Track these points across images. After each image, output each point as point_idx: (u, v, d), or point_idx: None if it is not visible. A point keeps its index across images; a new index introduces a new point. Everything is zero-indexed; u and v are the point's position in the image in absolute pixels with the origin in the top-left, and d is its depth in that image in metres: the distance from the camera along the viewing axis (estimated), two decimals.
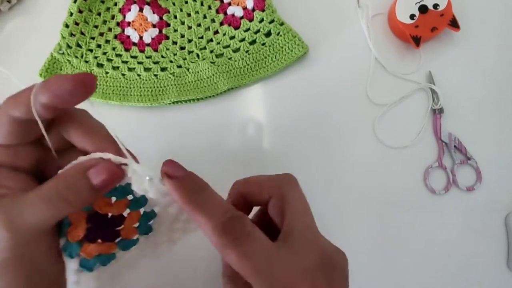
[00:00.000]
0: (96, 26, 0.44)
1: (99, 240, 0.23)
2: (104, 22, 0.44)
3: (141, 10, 0.43)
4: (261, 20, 0.42)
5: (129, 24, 0.44)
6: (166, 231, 0.26)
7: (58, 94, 0.20)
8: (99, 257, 0.23)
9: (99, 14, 0.44)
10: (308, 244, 0.23)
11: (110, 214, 0.23)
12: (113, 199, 0.23)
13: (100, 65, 0.43)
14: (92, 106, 0.23)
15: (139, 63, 0.43)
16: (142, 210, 0.24)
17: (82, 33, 0.43)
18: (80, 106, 0.22)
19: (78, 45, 0.43)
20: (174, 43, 0.44)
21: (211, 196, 0.22)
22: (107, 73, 0.43)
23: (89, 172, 0.20)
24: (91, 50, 0.43)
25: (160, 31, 0.44)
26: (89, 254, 0.23)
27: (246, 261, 0.21)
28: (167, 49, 0.43)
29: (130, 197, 0.23)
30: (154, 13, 0.44)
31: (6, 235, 0.19)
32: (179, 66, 0.43)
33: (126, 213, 0.24)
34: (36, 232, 0.20)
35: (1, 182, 0.21)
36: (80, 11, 0.43)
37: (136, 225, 0.25)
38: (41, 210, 0.20)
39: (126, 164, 0.21)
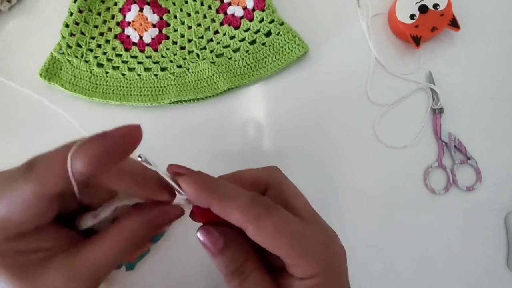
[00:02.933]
0: (96, 26, 0.44)
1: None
2: (104, 22, 0.44)
3: (141, 10, 0.43)
4: (261, 20, 0.42)
5: (129, 24, 0.44)
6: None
7: (100, 162, 0.17)
8: (140, 256, 0.28)
9: (99, 14, 0.44)
10: (317, 222, 0.24)
11: None
12: None
13: (100, 65, 0.43)
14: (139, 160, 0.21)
15: (139, 63, 0.43)
16: None
17: (82, 33, 0.43)
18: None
19: (78, 45, 0.43)
20: (174, 43, 0.44)
21: (227, 183, 0.22)
22: (107, 73, 0.43)
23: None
24: (91, 50, 0.43)
25: (160, 31, 0.44)
26: (134, 258, 0.25)
27: (283, 229, 0.21)
28: (167, 49, 0.43)
29: None
30: (154, 13, 0.44)
31: None
32: (179, 66, 0.43)
33: None
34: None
35: (38, 246, 0.19)
36: (80, 11, 0.43)
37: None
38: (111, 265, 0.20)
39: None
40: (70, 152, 0.17)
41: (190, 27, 0.44)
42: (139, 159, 0.20)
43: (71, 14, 0.43)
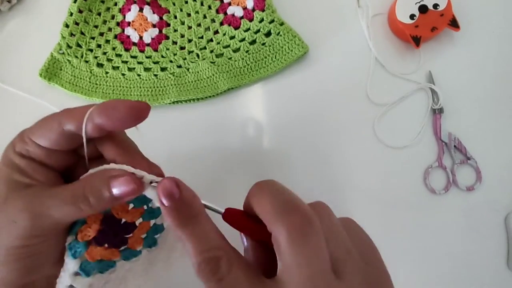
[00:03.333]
0: (96, 26, 0.44)
1: (106, 245, 0.23)
2: (104, 22, 0.44)
3: (141, 10, 0.43)
4: (261, 20, 0.42)
5: (129, 24, 0.44)
6: (168, 248, 0.26)
7: (112, 118, 0.21)
8: (100, 262, 0.23)
9: (99, 14, 0.44)
10: None
11: (123, 220, 0.23)
12: (131, 205, 0.23)
13: (100, 65, 0.43)
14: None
15: (139, 63, 0.43)
16: (152, 222, 0.25)
17: (82, 33, 0.43)
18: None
19: (78, 45, 0.43)
20: (174, 43, 0.44)
21: (201, 227, 0.21)
22: (107, 73, 0.43)
23: (111, 181, 0.21)
24: (91, 50, 0.43)
25: (160, 31, 0.44)
26: (93, 257, 0.23)
27: None
28: (167, 49, 0.43)
29: (145, 206, 0.24)
30: (154, 13, 0.44)
31: (26, 223, 0.20)
32: (179, 66, 0.43)
33: (138, 222, 0.24)
34: (52, 227, 0.21)
35: (30, 174, 0.22)
36: (80, 11, 0.43)
37: (144, 235, 0.25)
38: (65, 206, 0.21)
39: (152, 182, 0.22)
40: (91, 109, 0.21)
41: (190, 27, 0.44)
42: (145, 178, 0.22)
43: (71, 14, 0.43)
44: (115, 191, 0.21)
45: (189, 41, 0.43)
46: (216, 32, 0.43)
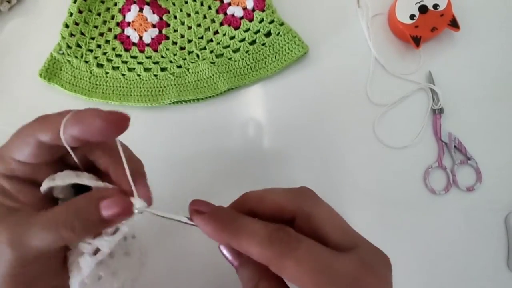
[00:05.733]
0: (96, 26, 0.44)
1: None
2: (104, 22, 0.44)
3: (141, 10, 0.43)
4: (261, 20, 0.42)
5: (129, 24, 0.44)
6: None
7: (88, 129, 0.19)
8: None
9: (99, 14, 0.44)
10: (356, 249, 0.22)
11: None
12: None
13: (100, 65, 0.43)
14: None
15: (139, 63, 0.43)
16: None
17: (82, 33, 0.43)
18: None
19: (78, 45, 0.43)
20: (174, 43, 0.44)
21: (246, 219, 0.21)
22: (107, 73, 0.43)
23: (102, 203, 0.20)
24: (91, 50, 0.43)
25: (160, 31, 0.44)
26: None
27: (305, 265, 0.19)
28: (167, 49, 0.43)
29: None
30: (154, 13, 0.44)
31: (8, 251, 0.19)
32: (179, 66, 0.43)
33: None
34: (38, 254, 0.20)
35: (16, 196, 0.21)
36: (80, 11, 0.43)
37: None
38: (45, 234, 0.19)
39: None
40: (65, 118, 0.19)
41: (190, 28, 0.44)
42: (136, 211, 0.21)
43: (71, 14, 0.43)
44: (106, 213, 0.20)
45: (189, 41, 0.43)
46: (216, 32, 0.43)
